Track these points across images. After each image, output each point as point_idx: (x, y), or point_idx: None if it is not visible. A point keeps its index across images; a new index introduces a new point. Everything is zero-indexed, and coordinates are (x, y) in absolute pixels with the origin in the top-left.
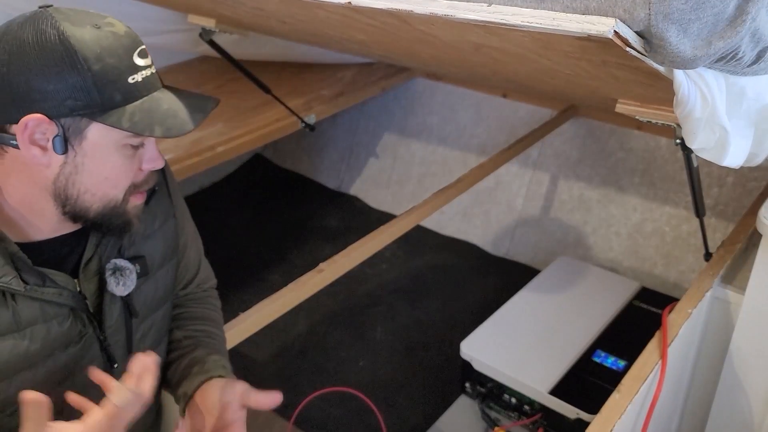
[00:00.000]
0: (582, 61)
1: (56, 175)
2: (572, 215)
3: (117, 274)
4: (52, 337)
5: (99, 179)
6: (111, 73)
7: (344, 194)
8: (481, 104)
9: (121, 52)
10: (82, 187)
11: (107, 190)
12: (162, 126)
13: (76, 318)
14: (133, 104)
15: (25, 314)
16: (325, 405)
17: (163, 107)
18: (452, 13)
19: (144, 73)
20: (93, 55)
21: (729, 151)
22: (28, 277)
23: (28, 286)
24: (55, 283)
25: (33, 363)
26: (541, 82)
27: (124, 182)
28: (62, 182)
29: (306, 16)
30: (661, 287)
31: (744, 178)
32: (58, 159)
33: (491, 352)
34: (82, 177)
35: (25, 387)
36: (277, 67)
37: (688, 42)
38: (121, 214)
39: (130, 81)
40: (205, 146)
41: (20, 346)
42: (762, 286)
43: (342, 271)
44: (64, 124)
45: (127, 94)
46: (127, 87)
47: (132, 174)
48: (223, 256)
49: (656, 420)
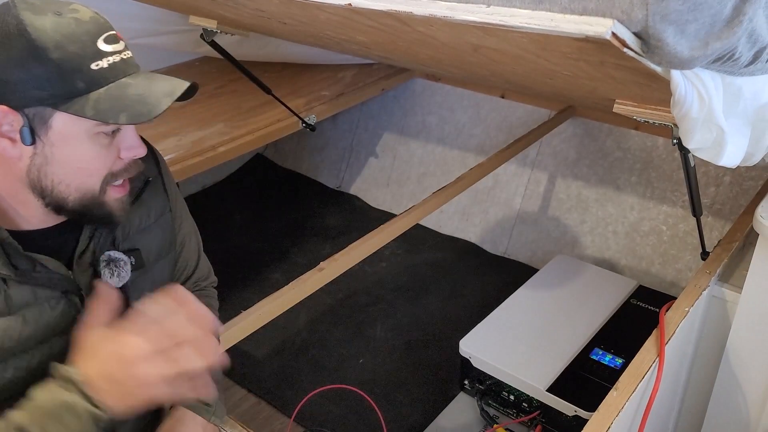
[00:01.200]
0: (580, 62)
1: (28, 166)
2: (570, 214)
3: (111, 266)
4: (45, 320)
5: (71, 169)
6: (72, 60)
7: (344, 193)
8: (479, 104)
9: (85, 39)
10: (55, 178)
11: (82, 180)
12: (128, 112)
13: (70, 302)
14: (98, 91)
15: (17, 298)
16: (325, 402)
17: (130, 93)
18: (451, 15)
19: (111, 58)
20: (52, 43)
21: (726, 150)
22: (18, 262)
23: (18, 270)
24: (46, 267)
25: (28, 347)
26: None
27: (101, 171)
28: (35, 173)
29: (306, 18)
30: (658, 286)
31: (741, 177)
32: (28, 150)
33: (490, 349)
34: (54, 168)
35: (21, 373)
36: (278, 68)
37: (685, 43)
38: (100, 204)
39: (93, 67)
40: (207, 146)
41: (13, 328)
42: (758, 285)
43: (342, 269)
44: (28, 114)
45: (90, 81)
46: (91, 74)
47: (108, 162)
48: (225, 254)
49: (654, 417)
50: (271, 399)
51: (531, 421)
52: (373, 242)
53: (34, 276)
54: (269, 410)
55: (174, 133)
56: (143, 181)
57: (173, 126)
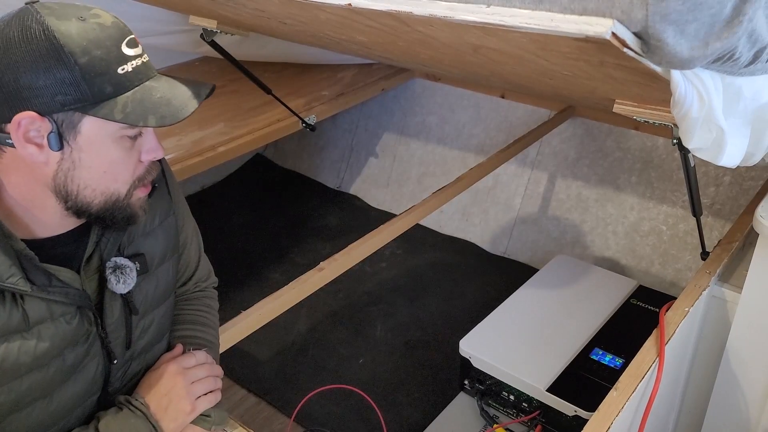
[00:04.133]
0: (580, 62)
1: (55, 171)
2: (570, 214)
3: (117, 272)
4: (61, 335)
5: (98, 173)
6: (99, 65)
7: (344, 193)
8: (479, 104)
9: (109, 44)
10: (81, 183)
11: (108, 185)
12: (155, 115)
13: (83, 316)
14: (125, 95)
15: (33, 313)
16: (325, 402)
17: (155, 96)
18: (451, 15)
19: (134, 62)
20: (79, 48)
21: (726, 150)
22: (34, 277)
23: (35, 286)
24: (62, 282)
25: (43, 363)
26: (539, 83)
27: (124, 175)
28: (61, 179)
29: (306, 18)
30: (658, 286)
31: (741, 177)
32: (55, 156)
33: (490, 349)
34: (81, 172)
35: (35, 386)
36: (278, 68)
37: (685, 43)
38: (124, 207)
39: (119, 72)
40: (207, 146)
41: (29, 345)
42: (758, 285)
43: (342, 269)
44: (57, 120)
45: (117, 85)
46: (117, 78)
47: (132, 166)
48: (225, 255)
49: (654, 417)
50: (271, 399)
51: (531, 421)
52: (373, 242)
53: (50, 291)
54: (269, 410)
55: (174, 133)
56: (153, 184)
57: (173, 126)
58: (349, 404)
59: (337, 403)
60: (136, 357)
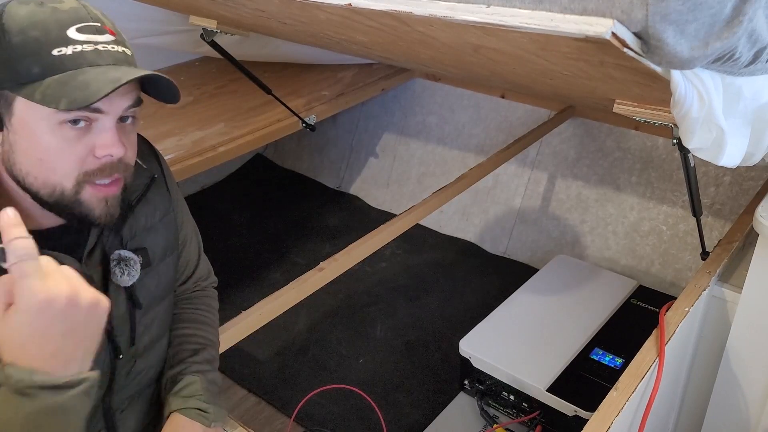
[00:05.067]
0: (580, 62)
1: (1, 153)
2: (570, 214)
3: (122, 265)
4: None
5: (33, 160)
6: (32, 45)
7: (344, 193)
8: (479, 104)
9: (52, 26)
10: (23, 168)
11: (47, 174)
12: (68, 98)
13: None
14: (53, 77)
15: None
16: (325, 402)
17: (78, 79)
18: (451, 15)
19: (80, 47)
20: (17, 27)
21: (726, 150)
22: None
23: None
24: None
25: None
26: (539, 83)
27: (64, 167)
28: (7, 161)
29: (306, 18)
30: (658, 286)
31: (741, 177)
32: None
33: (490, 349)
34: (19, 156)
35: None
36: (278, 68)
37: (685, 43)
38: (73, 204)
39: (54, 53)
40: (207, 146)
41: None
42: (758, 285)
43: (342, 269)
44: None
45: (47, 67)
46: (50, 59)
47: (76, 158)
48: (225, 254)
49: (654, 417)
50: (271, 399)
51: (531, 421)
52: (373, 242)
53: None
54: (269, 410)
55: (174, 133)
56: (149, 178)
57: (173, 126)
58: (349, 404)
59: (337, 403)
60: (140, 355)
